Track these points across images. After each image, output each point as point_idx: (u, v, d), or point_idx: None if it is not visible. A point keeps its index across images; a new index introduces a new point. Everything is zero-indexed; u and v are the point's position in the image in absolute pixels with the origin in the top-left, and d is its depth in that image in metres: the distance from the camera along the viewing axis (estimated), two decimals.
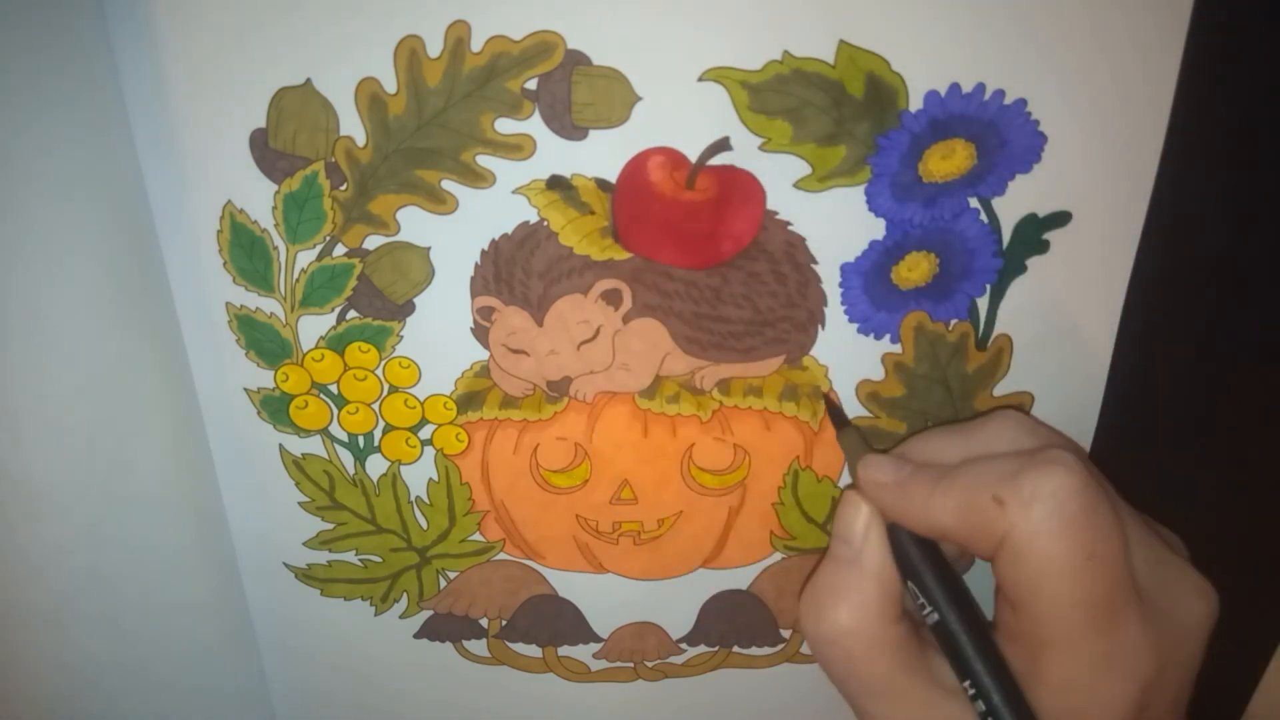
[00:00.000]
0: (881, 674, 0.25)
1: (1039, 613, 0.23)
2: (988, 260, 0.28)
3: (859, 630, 0.25)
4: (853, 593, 0.25)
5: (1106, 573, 0.23)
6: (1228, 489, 0.32)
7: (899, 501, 0.25)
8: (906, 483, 0.25)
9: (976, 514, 0.23)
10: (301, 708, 0.38)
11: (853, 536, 0.26)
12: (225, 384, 0.31)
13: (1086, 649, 0.23)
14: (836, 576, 0.26)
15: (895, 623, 0.25)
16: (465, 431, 0.31)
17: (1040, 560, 0.23)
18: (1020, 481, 0.23)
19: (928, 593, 0.25)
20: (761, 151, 0.26)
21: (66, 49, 0.25)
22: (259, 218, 0.28)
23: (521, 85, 0.25)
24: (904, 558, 0.26)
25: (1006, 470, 0.24)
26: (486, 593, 0.34)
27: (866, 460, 0.26)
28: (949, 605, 0.25)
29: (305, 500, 0.33)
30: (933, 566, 0.25)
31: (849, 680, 0.26)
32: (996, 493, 0.23)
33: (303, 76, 0.25)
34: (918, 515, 0.25)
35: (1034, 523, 0.23)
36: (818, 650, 0.26)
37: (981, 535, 0.23)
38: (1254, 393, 0.31)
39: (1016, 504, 0.23)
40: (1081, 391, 0.30)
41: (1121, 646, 0.23)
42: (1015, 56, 0.25)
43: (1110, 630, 0.23)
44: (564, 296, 0.29)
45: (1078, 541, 0.22)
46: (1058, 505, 0.23)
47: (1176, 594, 0.24)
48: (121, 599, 0.31)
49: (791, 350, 0.30)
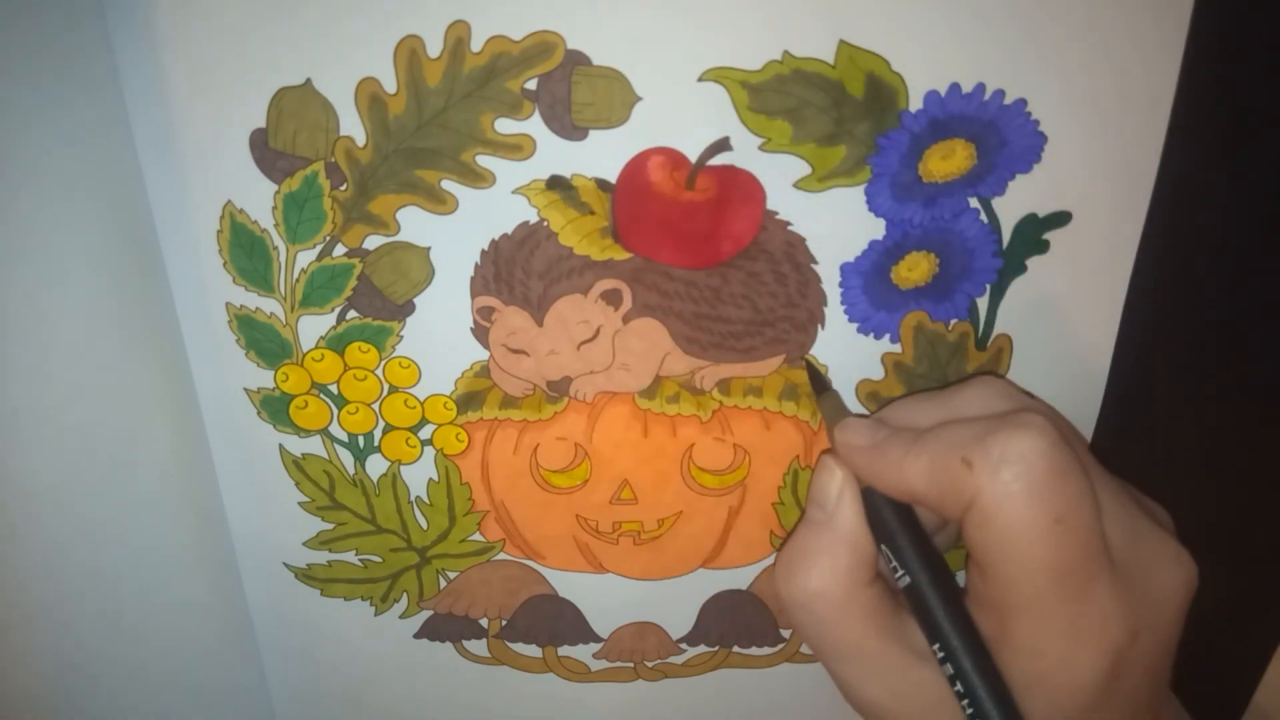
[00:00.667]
0: (853, 637, 0.25)
1: (1006, 577, 0.23)
2: (988, 260, 0.28)
3: (829, 593, 0.25)
4: (824, 555, 0.25)
5: (1075, 538, 0.22)
6: (1228, 488, 0.32)
7: (873, 464, 0.25)
8: (881, 446, 0.25)
9: (946, 476, 0.23)
10: (301, 708, 0.38)
11: (826, 500, 0.26)
12: (225, 384, 0.31)
13: (1054, 614, 0.23)
14: (809, 539, 0.26)
15: (867, 586, 0.25)
16: (465, 431, 0.31)
17: (1007, 523, 0.22)
18: (989, 444, 0.23)
19: (900, 555, 0.25)
20: (761, 151, 0.26)
21: (66, 49, 0.25)
22: (259, 218, 0.28)
23: (521, 85, 0.25)
24: (878, 521, 0.25)
25: (976, 433, 0.23)
26: (486, 593, 0.34)
27: (844, 424, 0.26)
28: (920, 568, 0.24)
29: (305, 500, 0.33)
30: (906, 530, 0.25)
31: (821, 643, 0.26)
32: (965, 455, 0.23)
33: (303, 76, 0.25)
34: (891, 478, 0.25)
35: (1001, 485, 0.22)
36: (790, 613, 0.26)
37: (950, 498, 0.23)
38: (1254, 392, 0.31)
39: (984, 466, 0.23)
40: (1082, 392, 0.30)
41: (1091, 613, 0.23)
42: (1015, 56, 0.25)
43: (1079, 596, 0.23)
44: (564, 296, 0.29)
45: (1045, 505, 0.22)
46: (1026, 467, 0.22)
47: (1152, 562, 0.24)
48: (121, 599, 0.31)
49: (791, 350, 0.30)
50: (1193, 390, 0.31)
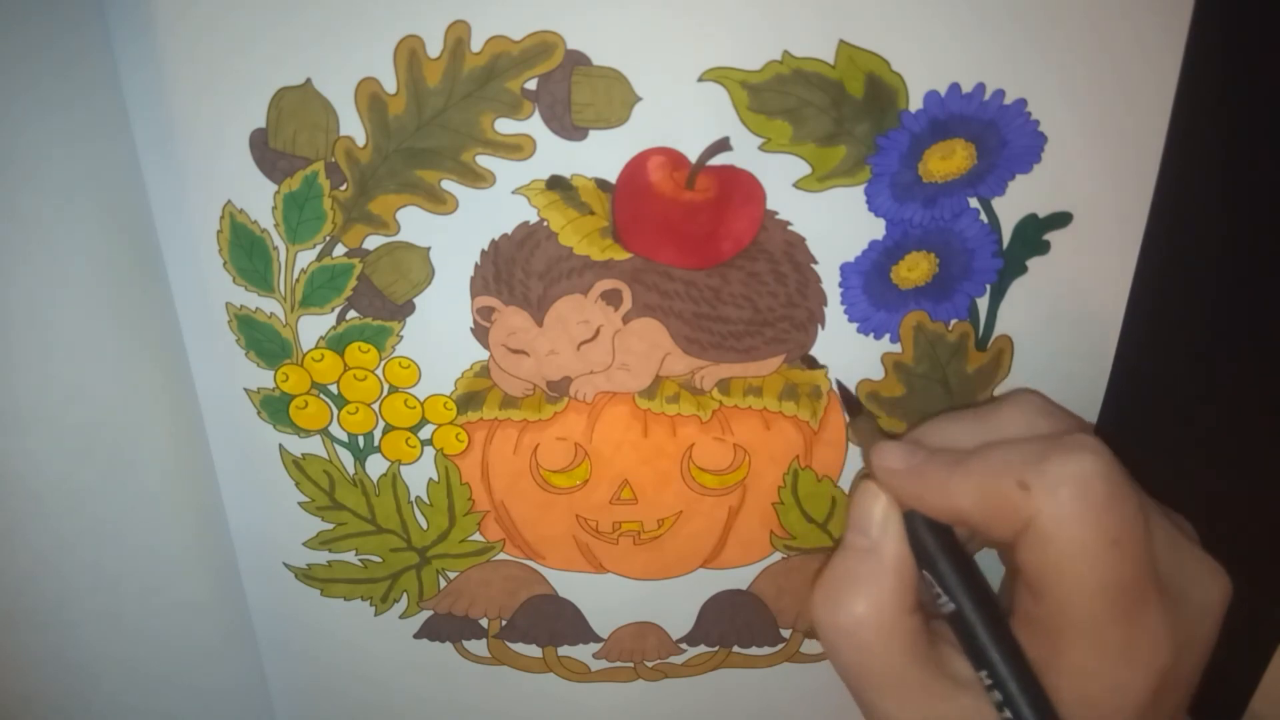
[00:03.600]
0: (896, 665, 0.25)
1: (1062, 599, 0.23)
2: (988, 260, 0.28)
3: (875, 620, 0.25)
4: (870, 582, 0.25)
5: (1130, 559, 0.22)
6: (1230, 489, 0.32)
7: (914, 487, 0.25)
8: (922, 468, 0.25)
9: (999, 498, 0.23)
10: (301, 707, 0.38)
11: (870, 525, 0.26)
12: (225, 384, 0.31)
13: (1108, 636, 0.23)
14: (853, 566, 0.25)
15: (911, 613, 0.25)
16: (465, 431, 0.31)
17: (1065, 545, 0.22)
18: (1045, 466, 0.23)
19: (944, 581, 0.25)
20: (761, 151, 0.26)
21: (67, 50, 0.25)
22: (259, 218, 0.28)
23: (521, 85, 0.25)
24: (920, 546, 0.25)
25: (1030, 454, 0.23)
26: (486, 593, 0.34)
27: (880, 447, 0.26)
28: (965, 594, 0.24)
29: (305, 500, 0.33)
30: (948, 554, 0.25)
31: (862, 672, 0.25)
32: (1020, 477, 0.23)
33: (303, 76, 0.25)
34: (935, 500, 0.25)
35: (1060, 507, 0.22)
36: (832, 641, 0.26)
37: (1003, 519, 0.23)
38: (1256, 393, 0.31)
39: (1042, 488, 0.23)
40: (1083, 393, 0.30)
41: (1142, 634, 0.23)
42: (1015, 56, 0.25)
43: (1132, 617, 0.23)
44: (564, 296, 0.29)
45: (1103, 527, 0.22)
46: (1084, 490, 0.22)
47: (1191, 578, 0.24)
48: (122, 599, 0.31)
49: (791, 350, 0.30)
50: (1194, 390, 0.31)
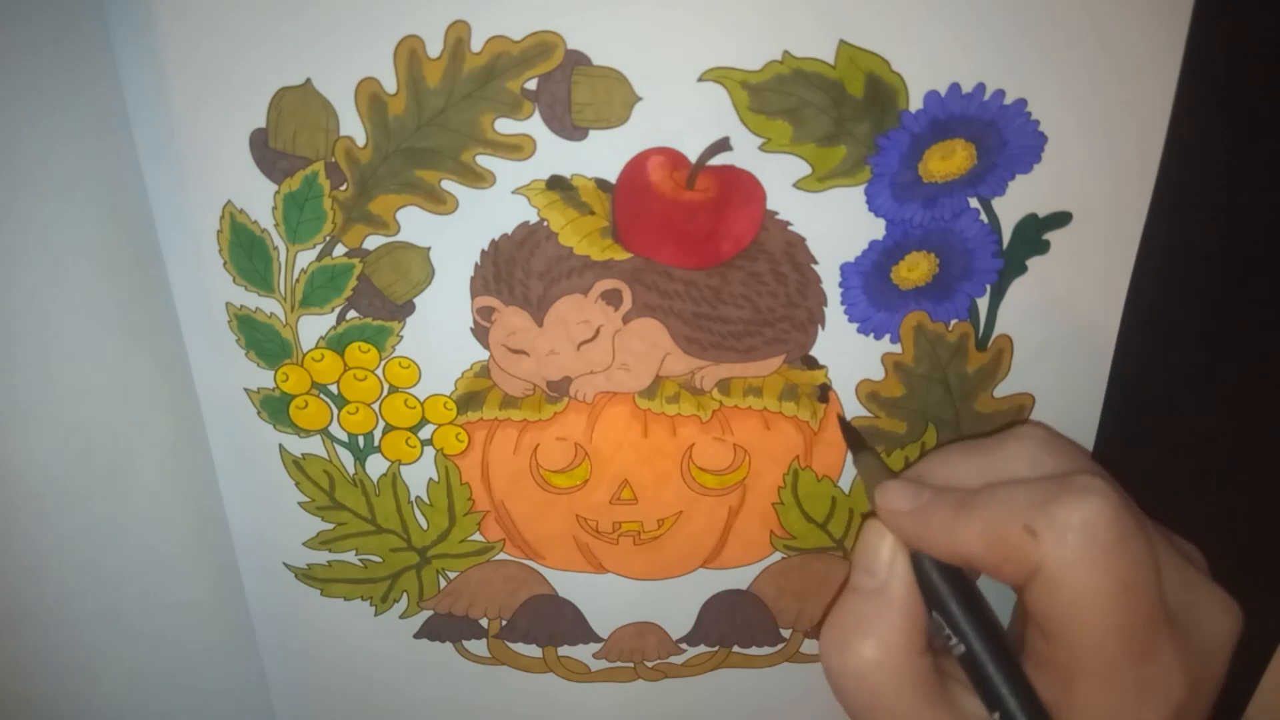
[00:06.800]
0: (907, 708, 0.25)
1: (1074, 643, 0.23)
2: (988, 260, 0.28)
3: (886, 663, 0.25)
4: (879, 624, 0.25)
5: (1142, 602, 0.22)
6: (1229, 489, 0.32)
7: (919, 529, 0.25)
8: (926, 510, 0.25)
9: (1006, 544, 0.23)
10: (301, 707, 0.38)
11: (878, 567, 0.25)
12: (225, 384, 0.31)
13: (1122, 678, 0.23)
14: (861, 608, 0.25)
15: (921, 655, 0.25)
16: (465, 431, 0.31)
17: (1076, 591, 0.22)
18: (1053, 511, 0.22)
19: (954, 623, 0.24)
20: (761, 151, 0.26)
21: (66, 50, 0.25)
22: (259, 218, 0.28)
23: (521, 85, 0.25)
24: (929, 587, 0.25)
25: (1036, 498, 0.23)
26: (486, 593, 0.34)
27: (883, 489, 0.26)
28: (976, 635, 0.24)
29: (305, 500, 0.33)
30: (959, 596, 0.24)
31: (870, 715, 0.25)
32: (1028, 522, 0.23)
33: (303, 76, 0.25)
34: (940, 543, 0.24)
35: (1069, 553, 0.22)
36: (841, 684, 0.25)
37: (1011, 565, 0.23)
38: (1256, 393, 0.31)
39: (1050, 534, 0.22)
40: (1083, 392, 0.30)
41: (1156, 674, 0.23)
42: (1015, 56, 0.25)
43: (1145, 658, 0.23)
44: (564, 297, 0.29)
45: (1113, 571, 0.22)
46: (1093, 535, 0.22)
47: (1203, 613, 0.24)
48: (121, 599, 0.31)
49: (791, 350, 0.30)
50: (1194, 390, 0.31)
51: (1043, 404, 0.31)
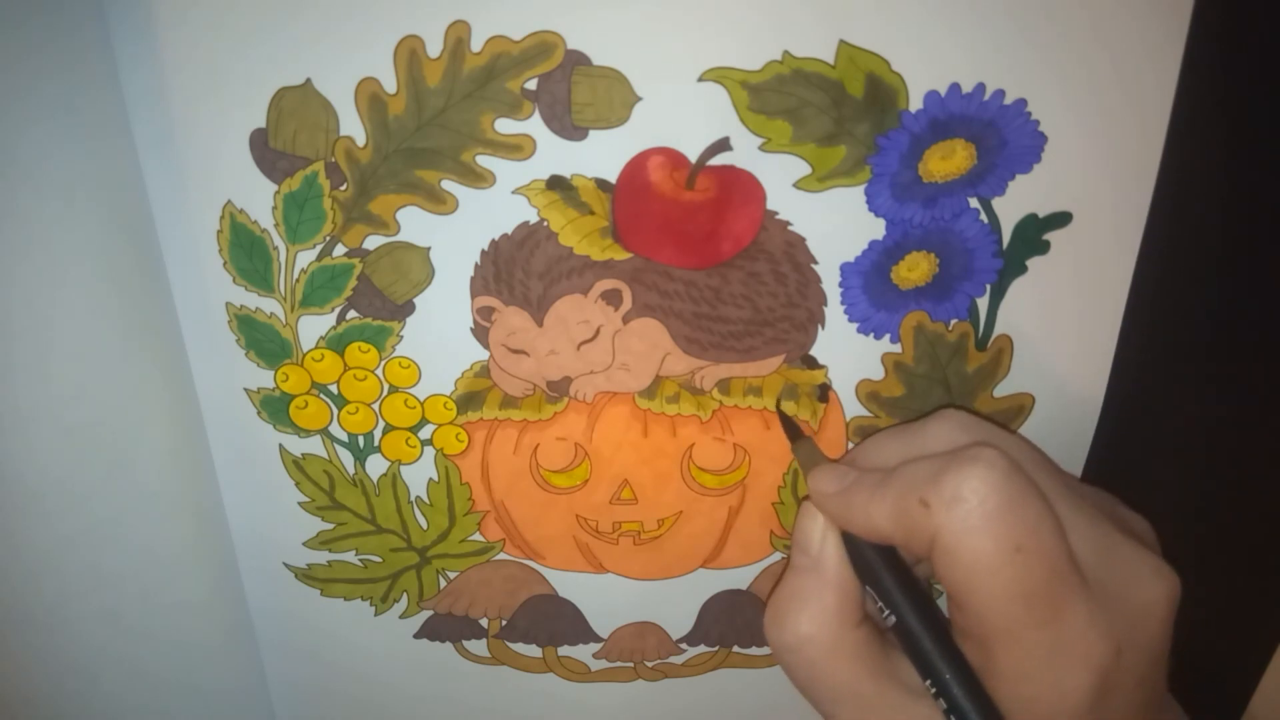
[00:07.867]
0: (845, 679, 0.25)
1: (978, 609, 0.23)
2: (988, 260, 0.28)
3: (819, 636, 0.25)
4: (812, 599, 0.26)
5: (1039, 563, 0.23)
6: (1229, 489, 0.32)
7: (842, 510, 0.26)
8: (849, 491, 0.26)
9: (907, 518, 0.24)
10: (301, 707, 0.38)
11: (810, 544, 0.26)
12: (225, 384, 0.31)
13: (1031, 640, 0.23)
14: (795, 584, 0.26)
15: (856, 627, 0.26)
16: (465, 431, 0.31)
17: (969, 557, 0.23)
18: (942, 482, 0.23)
19: (885, 595, 0.25)
20: (761, 151, 0.26)
21: (67, 51, 0.25)
22: (259, 218, 0.28)
23: (521, 85, 0.25)
24: (861, 562, 0.26)
25: (930, 471, 0.24)
26: (486, 593, 0.34)
27: (815, 471, 0.27)
28: (906, 606, 0.25)
29: (305, 500, 0.33)
30: (889, 570, 0.25)
31: (813, 687, 0.26)
32: (922, 495, 0.23)
33: (303, 76, 0.25)
34: (859, 522, 0.25)
35: (958, 521, 0.23)
36: (782, 658, 0.26)
37: (915, 538, 0.24)
38: (1256, 393, 0.31)
39: (940, 505, 0.23)
40: (1083, 392, 0.30)
41: (1069, 634, 0.23)
42: (1015, 56, 0.25)
43: (1053, 620, 0.23)
44: (564, 296, 0.29)
45: (1003, 535, 0.23)
46: (979, 502, 0.23)
47: (1129, 577, 0.24)
48: (122, 598, 0.31)
49: (791, 350, 0.30)
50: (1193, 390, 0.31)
51: (1043, 404, 0.31)
